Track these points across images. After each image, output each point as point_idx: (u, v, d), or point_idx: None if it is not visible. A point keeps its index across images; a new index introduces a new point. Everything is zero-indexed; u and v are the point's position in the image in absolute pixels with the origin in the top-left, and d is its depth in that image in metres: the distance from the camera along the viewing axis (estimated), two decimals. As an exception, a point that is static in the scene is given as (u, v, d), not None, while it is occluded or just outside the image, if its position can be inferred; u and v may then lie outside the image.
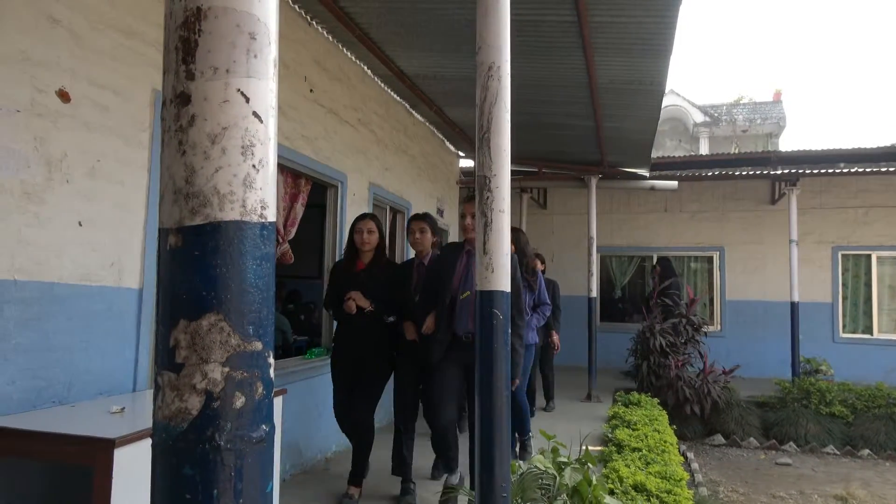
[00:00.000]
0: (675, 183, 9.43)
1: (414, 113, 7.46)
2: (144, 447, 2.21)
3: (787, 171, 9.02)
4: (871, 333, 10.24)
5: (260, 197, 0.80)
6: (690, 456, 6.81)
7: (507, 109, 2.43)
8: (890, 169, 8.71)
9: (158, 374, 0.77)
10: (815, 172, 9.00)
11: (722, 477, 6.40)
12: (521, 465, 3.36)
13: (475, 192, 2.48)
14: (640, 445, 5.00)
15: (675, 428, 6.47)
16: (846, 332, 10.34)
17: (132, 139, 3.23)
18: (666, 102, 6.58)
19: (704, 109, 21.56)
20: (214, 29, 0.77)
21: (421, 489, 4.15)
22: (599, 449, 5.27)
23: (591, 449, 3.68)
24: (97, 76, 3.01)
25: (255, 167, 0.79)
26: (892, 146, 8.95)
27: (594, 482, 3.09)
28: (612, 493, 3.73)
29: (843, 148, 9.11)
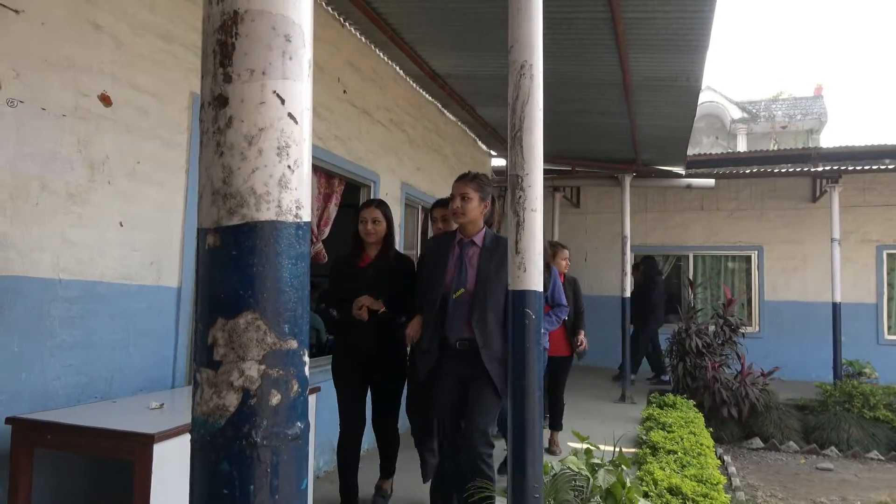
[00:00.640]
0: (711, 181, 9.25)
1: (446, 112, 7.46)
2: (183, 442, 2.26)
3: (828, 168, 8.78)
4: (917, 335, 9.91)
5: (295, 197, 0.81)
6: (728, 459, 6.67)
7: (539, 108, 2.42)
8: (938, 165, 8.41)
9: (197, 371, 0.79)
10: (858, 169, 8.74)
11: (760, 481, 6.26)
12: (553, 465, 3.33)
13: (507, 190, 2.47)
14: (675, 448, 4.92)
15: (711, 430, 6.34)
16: (891, 333, 10.00)
17: (171, 141, 3.31)
18: (702, 99, 6.45)
19: (742, 105, 21.11)
20: (251, 32, 0.78)
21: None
22: (633, 451, 5.21)
23: (624, 451, 3.64)
24: (137, 80, 3.09)
25: (290, 168, 0.80)
26: (940, 142, 8.64)
27: (628, 484, 3.05)
28: (646, 495, 3.68)
29: (888, 144, 8.82)
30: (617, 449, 3.54)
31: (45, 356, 2.64)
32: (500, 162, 9.65)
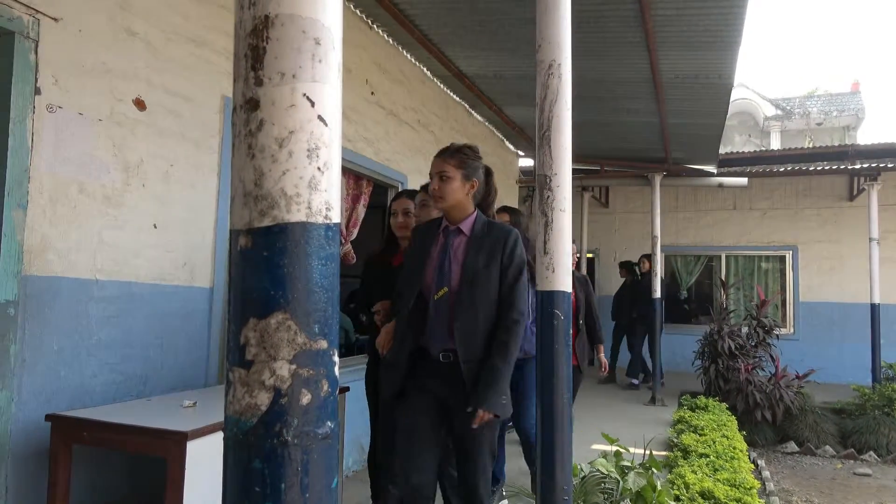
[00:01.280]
0: (744, 180, 9.08)
1: (473, 113, 7.46)
2: (215, 440, 2.30)
3: (866, 165, 8.55)
4: (961, 338, 9.58)
5: (325, 198, 0.82)
6: (761, 463, 6.54)
7: (567, 107, 2.40)
8: (982, 162, 8.14)
9: (230, 370, 0.80)
10: (897, 167, 8.50)
11: (795, 486, 6.12)
12: (582, 468, 3.31)
13: (535, 190, 2.46)
14: (707, 451, 4.84)
15: (744, 434, 6.23)
16: (933, 335, 9.71)
17: (203, 144, 3.36)
18: (734, 96, 6.34)
19: (776, 102, 20.67)
20: (281, 36, 0.79)
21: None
22: (664, 454, 5.14)
23: (655, 454, 3.60)
24: (170, 85, 3.15)
25: (320, 169, 0.81)
26: (984, 137, 8.35)
27: (659, 488, 3.02)
28: (677, 499, 3.63)
29: (929, 140, 8.57)
30: (647, 452, 3.50)
31: (82, 355, 2.71)
32: (528, 162, 9.61)
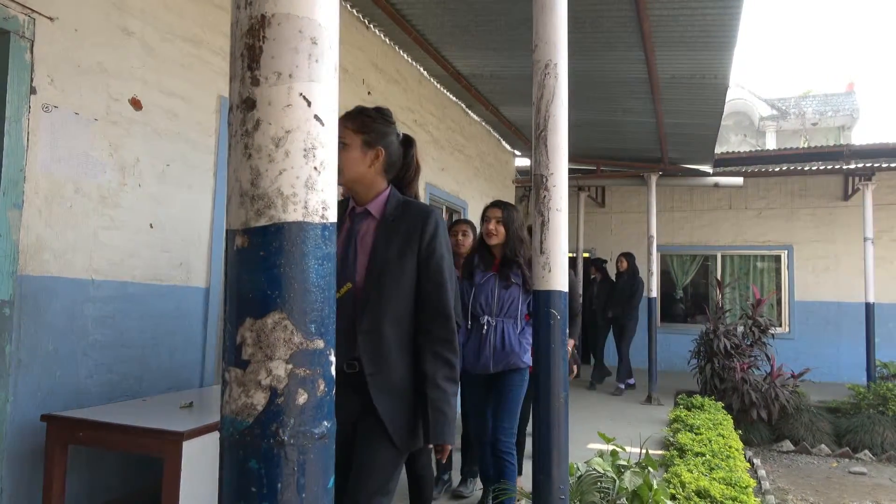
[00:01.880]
0: (740, 179, 9.10)
1: (470, 113, 7.46)
2: (211, 440, 2.30)
3: (861, 165, 8.58)
4: (955, 337, 9.63)
5: (321, 198, 0.82)
6: (757, 462, 6.56)
7: (564, 107, 2.40)
8: (977, 162, 8.18)
9: (226, 370, 0.80)
10: (892, 166, 8.52)
11: (791, 485, 6.14)
12: (579, 467, 3.31)
13: (532, 190, 2.46)
14: (703, 450, 4.85)
15: (740, 433, 6.25)
16: (928, 335, 9.75)
17: (199, 144, 3.36)
18: (730, 96, 6.36)
19: (771, 102, 20.73)
20: (278, 35, 0.79)
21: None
22: (660, 453, 5.15)
23: (651, 453, 3.60)
24: (166, 84, 3.15)
25: (316, 169, 0.81)
26: (979, 137, 8.39)
27: (655, 486, 3.02)
28: (673, 498, 3.63)
29: (923, 140, 8.61)
30: (643, 451, 3.51)
31: (78, 355, 2.70)
32: (524, 161, 9.62)
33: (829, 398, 8.20)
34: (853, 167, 8.64)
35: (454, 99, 6.93)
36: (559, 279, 2.37)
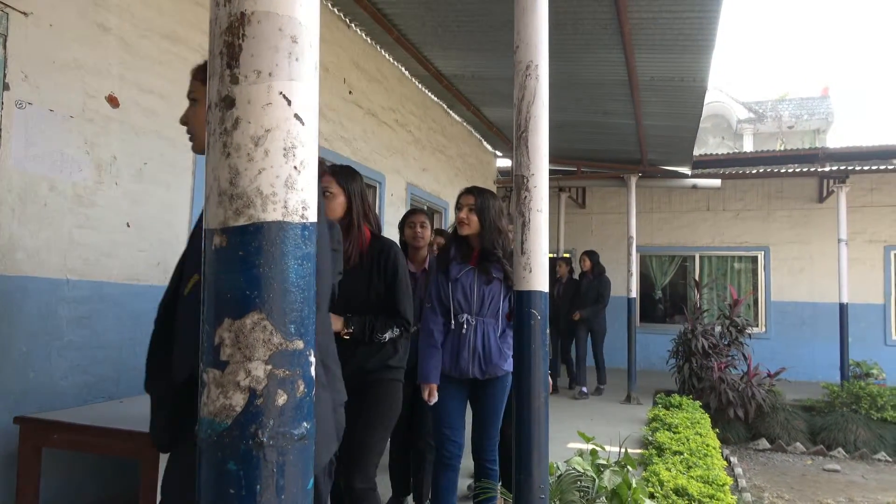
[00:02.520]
0: (718, 181, 9.22)
1: (451, 113, 7.47)
2: (189, 442, 2.27)
3: (835, 168, 8.74)
4: (926, 336, 9.85)
5: (301, 198, 0.81)
6: (734, 460, 6.65)
7: (545, 108, 2.41)
8: (946, 165, 8.36)
9: (203, 371, 0.79)
10: (865, 169, 8.70)
11: (767, 482, 6.24)
12: (559, 466, 3.33)
13: (513, 191, 2.47)
14: (681, 449, 4.90)
15: (717, 431, 6.33)
16: (899, 334, 9.96)
17: (177, 142, 3.32)
18: (708, 99, 6.43)
19: (748, 106, 21.03)
20: (258, 33, 0.79)
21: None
22: (639, 452, 5.20)
23: (630, 452, 3.63)
24: (144, 82, 3.10)
25: (296, 168, 0.80)
26: (948, 141, 8.58)
27: (634, 485, 3.04)
28: (652, 496, 3.67)
29: (895, 144, 8.78)
30: (623, 450, 3.54)
31: (52, 356, 2.65)
32: (505, 162, 9.65)
33: (804, 397, 8.34)
34: (828, 170, 8.79)
35: (435, 99, 6.93)
36: (540, 279, 2.38)
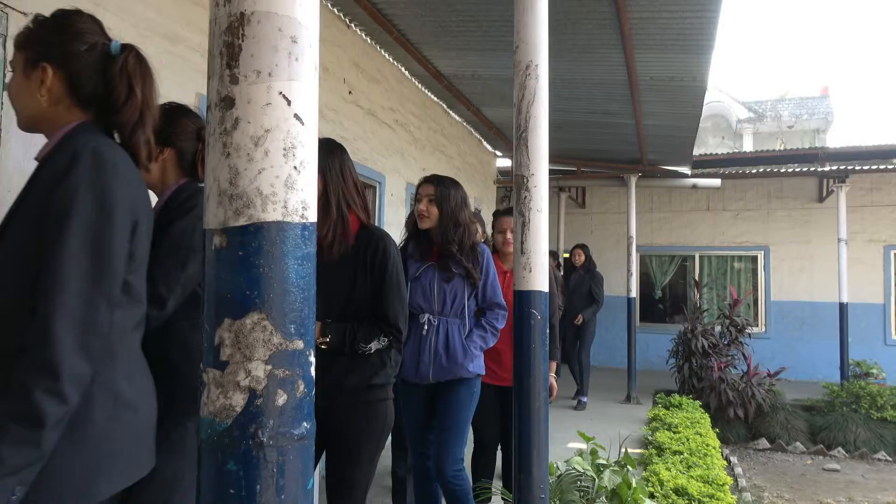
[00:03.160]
0: (717, 181, 9.23)
1: (451, 113, 7.47)
2: (189, 442, 2.27)
3: (835, 167, 8.74)
4: (925, 336, 9.85)
5: (301, 198, 0.81)
6: (734, 460, 6.66)
7: (544, 108, 2.42)
8: (946, 165, 8.37)
9: (204, 371, 0.79)
10: (865, 169, 8.70)
11: (767, 482, 6.24)
12: (559, 466, 3.33)
13: (513, 191, 2.47)
14: (681, 448, 4.91)
15: (717, 431, 6.33)
16: (899, 334, 9.97)
17: (177, 142, 3.32)
18: (708, 98, 6.43)
19: (748, 105, 21.04)
20: (257, 33, 0.79)
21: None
22: (639, 451, 5.20)
23: (630, 451, 3.64)
24: (144, 81, 3.10)
25: (296, 168, 0.81)
26: (948, 141, 8.59)
27: (634, 485, 3.05)
28: (652, 496, 3.67)
29: (895, 143, 8.78)
30: (623, 449, 3.54)
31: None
32: (505, 162, 9.65)
33: (803, 397, 8.34)
34: (828, 169, 8.79)
35: (435, 99, 6.93)
36: (540, 279, 2.38)
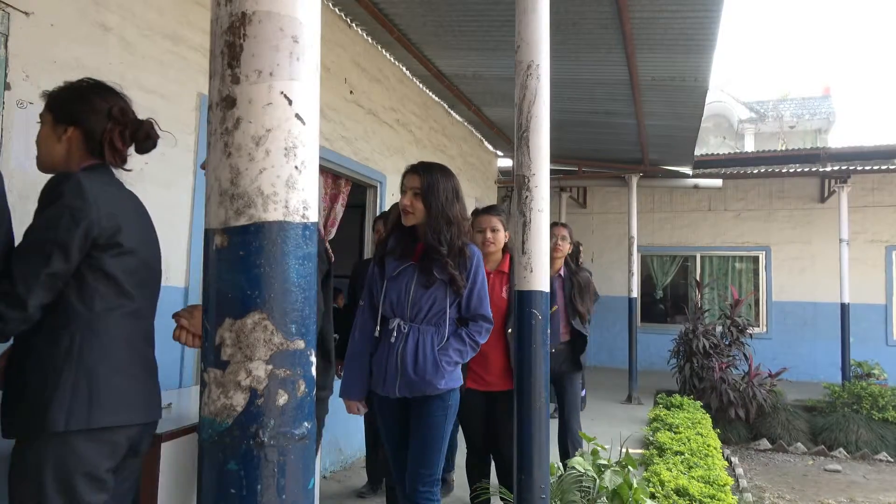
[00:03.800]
0: (719, 181, 9.22)
1: (452, 113, 7.46)
2: (190, 442, 2.27)
3: (837, 168, 8.73)
4: (927, 336, 9.84)
5: (302, 197, 0.81)
6: (735, 461, 6.65)
7: (546, 108, 2.41)
8: (948, 165, 8.36)
9: (205, 370, 0.79)
10: (867, 169, 8.69)
11: (768, 483, 6.23)
12: (559, 467, 3.33)
13: (514, 191, 2.47)
14: (682, 449, 4.90)
15: (718, 431, 6.32)
16: (900, 334, 9.95)
17: (178, 142, 3.31)
18: (709, 99, 6.42)
19: (750, 105, 21.02)
20: (259, 33, 0.79)
21: (458, 489, 4.15)
22: (640, 452, 5.20)
23: (631, 452, 3.63)
24: (145, 81, 3.10)
25: (297, 168, 0.81)
26: (950, 141, 8.57)
27: (635, 485, 3.04)
28: (653, 496, 3.67)
29: (897, 144, 8.78)
30: (623, 450, 3.54)
31: (53, 356, 2.65)
32: (506, 162, 9.64)
33: (805, 397, 8.33)
34: (829, 170, 8.78)
35: (436, 99, 6.93)
36: (541, 279, 2.38)
